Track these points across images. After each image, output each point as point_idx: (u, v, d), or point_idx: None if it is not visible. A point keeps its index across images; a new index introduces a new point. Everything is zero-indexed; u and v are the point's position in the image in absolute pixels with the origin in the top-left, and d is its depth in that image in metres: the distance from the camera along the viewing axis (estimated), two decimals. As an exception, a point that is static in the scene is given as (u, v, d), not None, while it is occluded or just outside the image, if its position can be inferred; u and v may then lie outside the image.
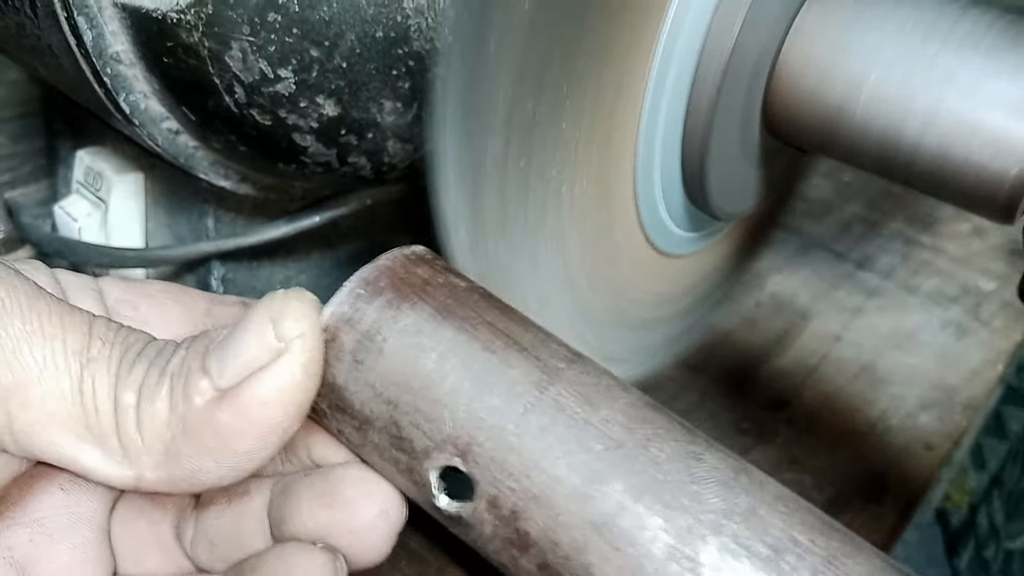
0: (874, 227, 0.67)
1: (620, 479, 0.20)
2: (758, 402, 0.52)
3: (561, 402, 0.21)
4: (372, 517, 0.23)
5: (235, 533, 0.25)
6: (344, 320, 0.22)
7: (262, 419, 0.20)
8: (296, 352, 0.21)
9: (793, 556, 0.19)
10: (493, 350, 0.22)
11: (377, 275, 0.23)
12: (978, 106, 0.28)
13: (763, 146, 0.34)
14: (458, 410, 0.21)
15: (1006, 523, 1.23)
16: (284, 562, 0.23)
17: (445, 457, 0.21)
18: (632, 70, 0.30)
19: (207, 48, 0.31)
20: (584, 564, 0.20)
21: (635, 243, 0.35)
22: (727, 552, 0.19)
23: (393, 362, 0.22)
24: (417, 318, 0.22)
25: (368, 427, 0.22)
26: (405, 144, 0.35)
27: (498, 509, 0.20)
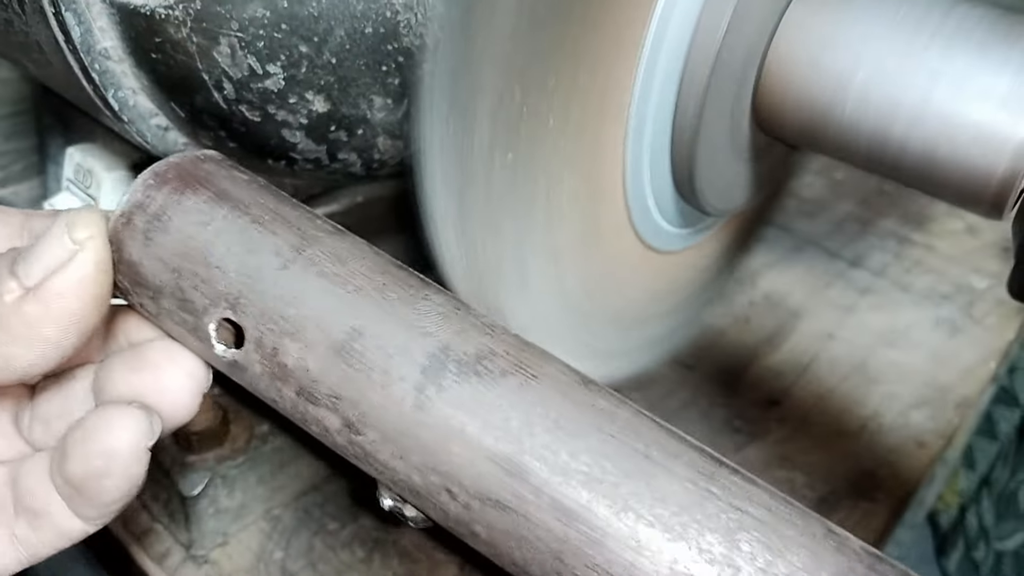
0: (867, 225, 0.67)
1: (356, 313, 0.24)
2: (750, 400, 0.52)
3: (315, 259, 0.25)
4: (179, 376, 0.26)
5: (64, 410, 0.28)
6: (136, 205, 0.26)
7: (62, 308, 0.24)
8: (88, 251, 0.24)
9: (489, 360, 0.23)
10: (261, 223, 0.26)
11: (166, 168, 0.27)
12: (966, 101, 0.28)
13: (753, 142, 0.34)
14: (228, 270, 0.25)
15: (996, 524, 1.24)
16: (102, 419, 0.25)
17: (220, 311, 0.25)
18: (620, 65, 0.30)
19: (195, 44, 0.30)
20: (329, 383, 0.24)
21: (625, 239, 0.35)
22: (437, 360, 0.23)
23: (176, 236, 0.26)
24: (198, 200, 0.26)
25: (160, 295, 0.26)
26: (395, 140, 0.35)
27: (263, 348, 0.24)
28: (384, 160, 0.36)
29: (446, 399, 0.22)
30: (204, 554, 0.42)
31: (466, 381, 0.22)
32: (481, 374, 0.22)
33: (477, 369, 0.23)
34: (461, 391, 0.22)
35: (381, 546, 0.43)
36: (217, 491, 0.42)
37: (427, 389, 0.22)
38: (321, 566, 0.42)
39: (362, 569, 0.42)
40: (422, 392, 0.22)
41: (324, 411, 0.24)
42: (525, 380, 0.23)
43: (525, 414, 0.22)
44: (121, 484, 0.25)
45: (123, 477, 0.25)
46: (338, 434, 0.24)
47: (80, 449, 0.25)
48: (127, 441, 0.25)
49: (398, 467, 0.23)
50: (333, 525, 0.44)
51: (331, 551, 0.43)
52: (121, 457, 0.25)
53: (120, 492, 0.25)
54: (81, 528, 0.26)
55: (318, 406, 0.24)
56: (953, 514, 1.31)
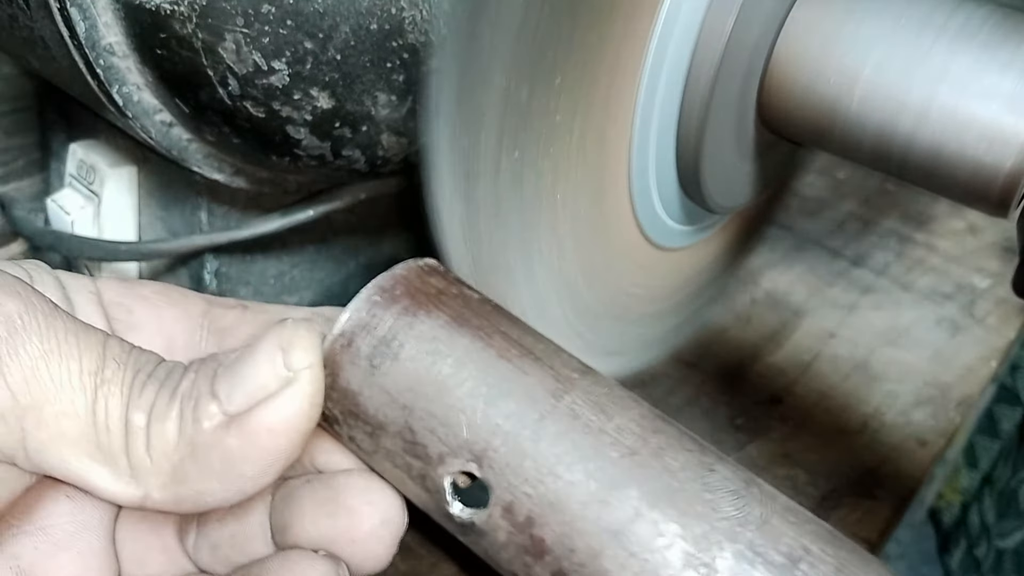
0: (869, 225, 0.67)
1: (635, 486, 0.20)
2: (752, 398, 0.52)
3: (576, 410, 0.21)
4: (374, 526, 0.23)
5: (237, 538, 0.25)
6: (361, 326, 0.23)
7: (268, 446, 0.21)
8: (304, 382, 0.21)
9: (806, 564, 0.19)
10: (508, 358, 0.22)
11: (393, 283, 0.24)
12: (972, 100, 0.28)
13: (758, 140, 0.34)
14: (474, 415, 0.21)
15: (997, 521, 1.24)
16: (287, 570, 0.23)
17: (460, 463, 0.21)
18: (626, 62, 0.30)
19: (201, 40, 0.30)
20: (600, 570, 0.20)
21: (630, 236, 0.35)
22: (743, 559, 0.19)
23: (409, 368, 0.22)
24: (433, 325, 0.23)
25: (381, 432, 0.22)
26: (399, 138, 0.35)
27: (513, 515, 0.21)
28: (388, 157, 0.36)
29: None
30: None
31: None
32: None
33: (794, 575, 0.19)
34: None
35: (383, 543, 0.43)
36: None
37: None
38: (323, 563, 0.42)
39: (364, 566, 0.42)
40: None
41: None
42: None
43: None
44: None
45: None
46: None
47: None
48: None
49: None
50: (335, 522, 0.44)
51: (333, 548, 0.43)
52: None
53: None
54: None
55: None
56: (955, 512, 1.31)
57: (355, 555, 0.23)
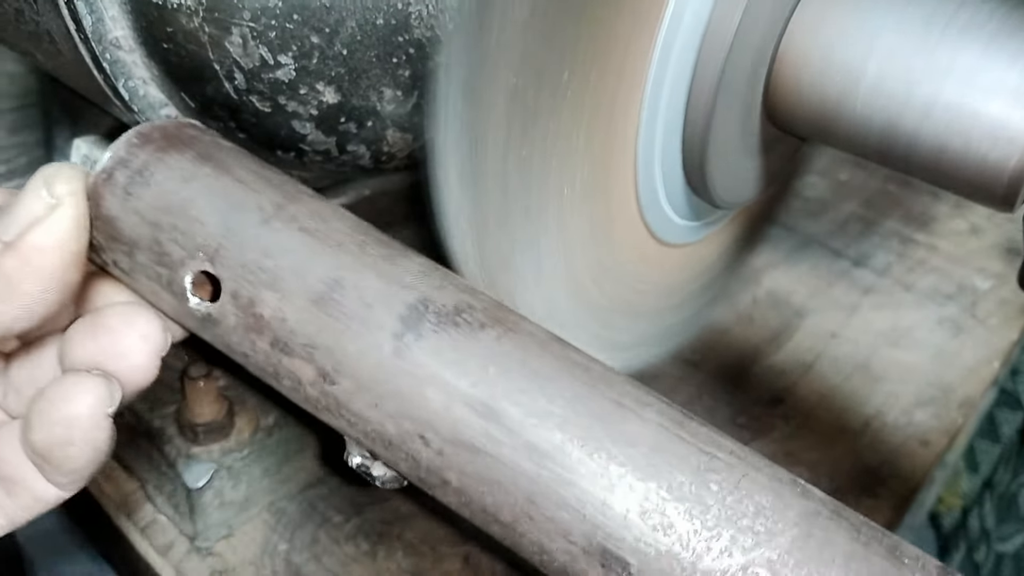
0: (871, 225, 0.67)
1: (337, 265, 0.24)
2: (754, 398, 0.52)
3: (297, 216, 0.25)
4: (134, 340, 0.26)
5: (34, 378, 0.28)
6: (119, 161, 0.27)
7: (42, 264, 0.24)
8: (67, 206, 0.25)
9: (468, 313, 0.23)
10: (244, 182, 0.26)
11: (151, 129, 0.28)
12: (978, 95, 0.28)
13: (764, 135, 0.34)
14: (208, 223, 0.25)
15: (997, 526, 1.24)
16: (62, 388, 0.25)
17: (197, 263, 0.25)
18: (633, 59, 0.30)
19: (207, 34, 0.31)
20: (305, 333, 0.24)
21: (636, 232, 0.35)
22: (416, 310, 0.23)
23: (157, 192, 0.26)
24: (181, 159, 0.27)
25: (136, 249, 0.26)
26: (405, 133, 0.35)
27: (239, 300, 0.24)
28: (393, 153, 0.36)
29: (424, 347, 0.22)
30: (208, 546, 0.42)
31: (444, 331, 0.23)
32: (460, 325, 0.23)
33: (456, 320, 0.23)
34: (439, 340, 0.23)
35: (385, 539, 0.43)
36: (222, 483, 0.42)
37: (405, 337, 0.23)
38: (325, 559, 0.42)
39: (366, 562, 0.42)
40: (400, 340, 0.23)
41: (298, 362, 0.24)
42: (503, 332, 0.23)
43: (502, 362, 0.22)
44: (85, 451, 0.25)
45: (86, 444, 0.25)
46: (311, 385, 0.24)
47: (42, 418, 0.25)
48: (87, 409, 0.25)
49: (371, 416, 0.23)
50: (338, 518, 0.44)
51: (335, 544, 0.43)
52: (82, 425, 0.25)
53: (85, 459, 0.25)
54: (56, 494, 0.27)
55: (292, 357, 0.24)
56: (956, 516, 1.31)
57: (121, 370, 0.26)
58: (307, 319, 0.24)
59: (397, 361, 0.23)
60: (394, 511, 0.44)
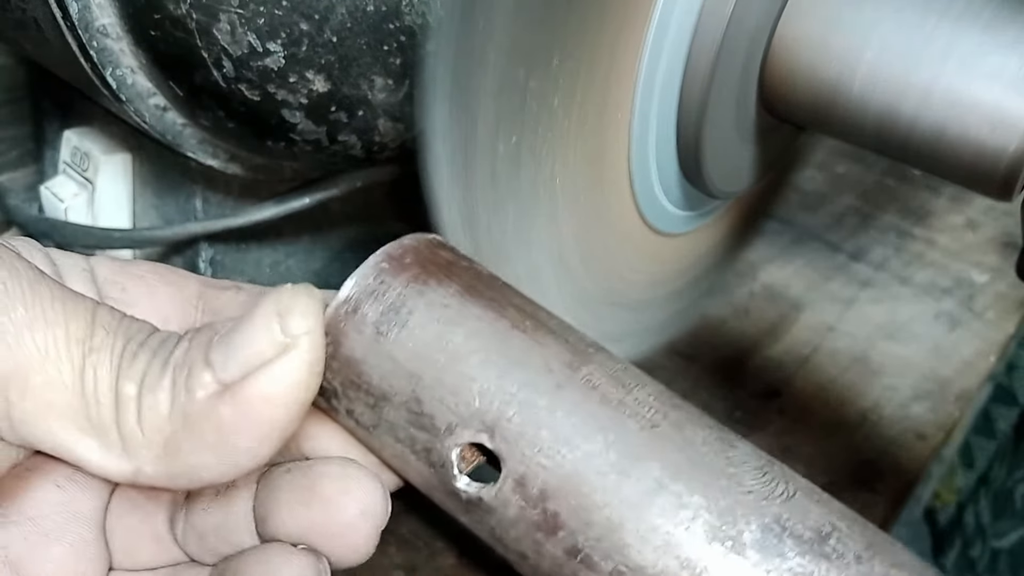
0: (868, 219, 0.67)
1: (657, 458, 0.19)
2: (751, 391, 0.52)
3: (593, 381, 0.20)
4: (352, 516, 0.22)
5: (222, 527, 0.24)
6: (368, 292, 0.22)
7: (264, 416, 0.20)
8: (302, 349, 0.20)
9: (835, 539, 0.18)
10: (522, 329, 0.21)
11: (402, 252, 0.22)
12: (976, 81, 0.27)
13: (759, 123, 0.34)
14: (487, 384, 0.20)
15: (993, 522, 1.24)
16: (264, 565, 0.22)
17: (470, 433, 0.20)
18: (626, 43, 0.30)
19: (195, 20, 0.30)
20: (618, 544, 0.19)
21: (630, 221, 0.34)
22: (770, 532, 0.18)
23: (419, 335, 0.21)
24: (444, 294, 0.21)
25: (385, 403, 0.21)
26: (396, 123, 0.34)
27: (525, 489, 0.19)
28: (384, 143, 0.35)
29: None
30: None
31: (815, 565, 0.18)
32: (831, 557, 0.18)
33: (825, 551, 0.18)
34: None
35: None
36: (214, 478, 0.42)
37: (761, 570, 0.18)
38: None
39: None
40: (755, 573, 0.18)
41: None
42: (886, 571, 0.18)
43: None
44: None
45: None
46: None
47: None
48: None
49: None
50: (330, 513, 0.43)
51: (328, 539, 0.43)
52: None
53: None
54: None
55: (596, 573, 0.19)
56: (951, 512, 1.31)
57: (334, 547, 0.22)
58: (621, 526, 0.19)
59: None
60: (387, 506, 0.44)
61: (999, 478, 1.26)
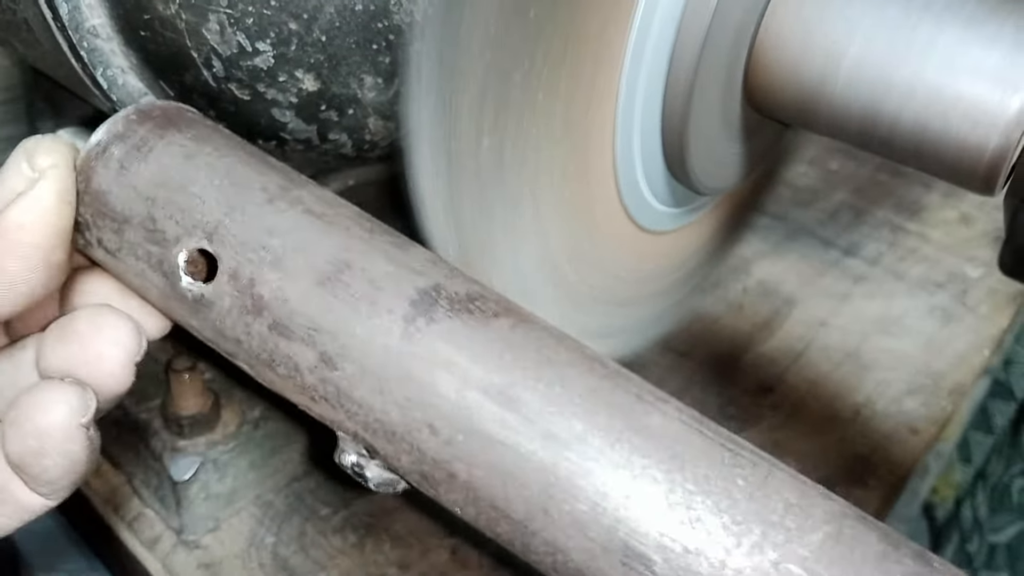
0: (861, 215, 0.67)
1: (344, 248, 0.23)
2: (744, 387, 0.52)
3: (302, 198, 0.24)
4: (105, 346, 0.25)
5: (13, 381, 0.27)
6: (115, 135, 0.25)
7: (23, 240, 0.23)
8: (49, 180, 0.24)
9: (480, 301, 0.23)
10: (248, 164, 0.25)
11: (151, 108, 0.26)
12: (958, 77, 0.27)
13: (745, 120, 0.34)
14: (209, 201, 0.24)
15: (990, 516, 1.24)
16: (34, 398, 0.24)
17: (194, 240, 0.24)
18: (610, 40, 0.30)
19: (184, 20, 0.30)
20: (308, 314, 0.22)
21: (616, 219, 0.34)
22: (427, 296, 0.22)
23: (156, 166, 0.25)
24: (182, 137, 0.25)
25: (126, 226, 0.25)
26: (387, 122, 0.34)
27: (237, 280, 0.23)
28: (375, 142, 0.35)
29: (437, 331, 0.21)
30: (195, 539, 0.42)
31: (458, 317, 0.22)
32: (473, 312, 0.22)
33: (469, 307, 0.22)
34: (453, 325, 0.21)
35: (373, 532, 0.43)
36: (208, 476, 0.42)
37: (417, 321, 0.22)
38: (313, 551, 0.42)
39: (354, 554, 0.42)
40: (411, 324, 0.22)
41: (298, 346, 0.22)
42: (517, 322, 0.22)
43: (517, 350, 0.21)
44: (60, 462, 0.24)
45: (60, 455, 0.24)
46: (310, 372, 0.22)
47: (15, 430, 0.24)
48: (59, 419, 0.24)
49: (375, 404, 0.22)
50: (325, 511, 0.44)
51: (323, 536, 0.43)
52: (54, 436, 0.24)
53: (60, 470, 0.24)
54: (40, 502, 0.26)
55: (292, 340, 0.23)
56: (949, 507, 1.31)
57: (93, 376, 0.25)
58: (312, 300, 0.22)
59: (407, 345, 0.21)
60: (381, 504, 0.44)
61: (996, 473, 1.26)
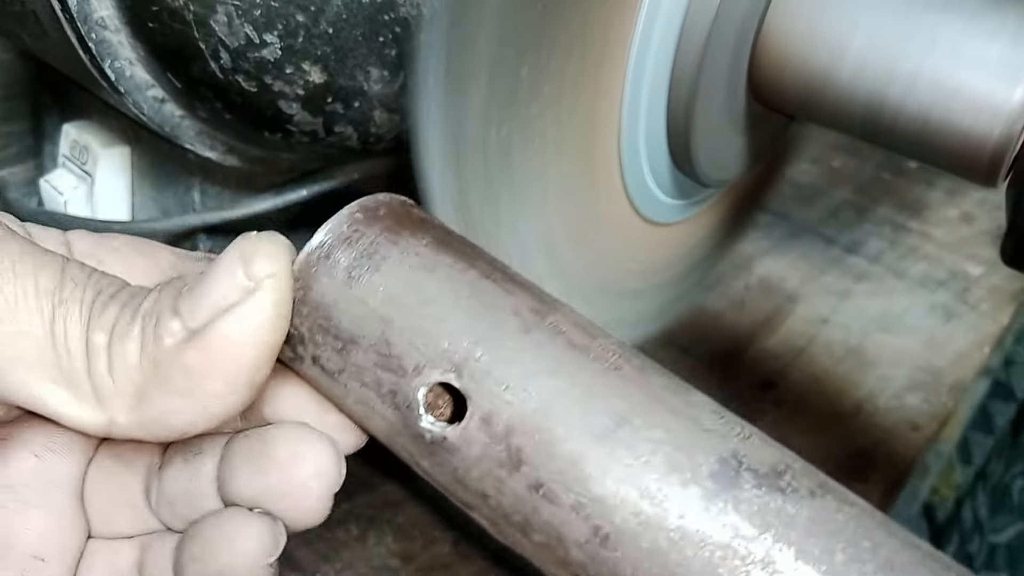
0: (863, 212, 0.67)
1: (620, 396, 0.20)
2: (746, 383, 0.52)
3: (559, 327, 0.21)
4: (305, 478, 0.22)
5: (190, 493, 0.24)
6: (341, 239, 0.22)
7: (230, 358, 0.20)
8: (267, 291, 0.20)
9: (790, 475, 0.19)
10: (492, 279, 0.22)
11: (376, 205, 0.23)
12: (961, 68, 0.28)
13: (749, 111, 0.34)
14: (457, 326, 0.21)
15: (990, 517, 1.24)
16: (220, 530, 0.23)
17: (438, 373, 0.20)
18: (615, 32, 0.30)
19: (192, 12, 0.30)
20: (580, 476, 0.19)
21: (621, 211, 0.35)
22: (727, 466, 0.19)
23: (391, 280, 0.21)
24: (416, 243, 0.22)
25: (353, 347, 0.21)
26: (392, 114, 0.35)
27: (491, 425, 0.20)
28: (381, 134, 0.36)
29: (744, 512, 0.18)
30: (199, 531, 0.42)
31: (770, 496, 0.18)
32: (785, 491, 0.19)
33: (780, 485, 0.19)
34: (764, 507, 0.18)
35: (376, 524, 0.43)
36: (212, 468, 0.42)
37: (719, 498, 0.18)
38: (316, 543, 0.42)
39: (356, 547, 0.42)
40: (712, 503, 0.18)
41: (566, 514, 0.19)
42: (839, 503, 0.19)
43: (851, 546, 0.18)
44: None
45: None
46: (577, 547, 0.19)
47: (198, 565, 0.23)
48: (248, 559, 0.22)
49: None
50: (328, 503, 0.44)
51: (326, 529, 0.43)
52: (239, 573, 0.22)
53: None
54: None
55: (557, 506, 0.19)
56: (949, 508, 1.31)
57: (288, 510, 0.23)
58: (583, 458, 0.19)
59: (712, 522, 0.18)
60: (384, 496, 0.44)
61: (996, 473, 1.26)
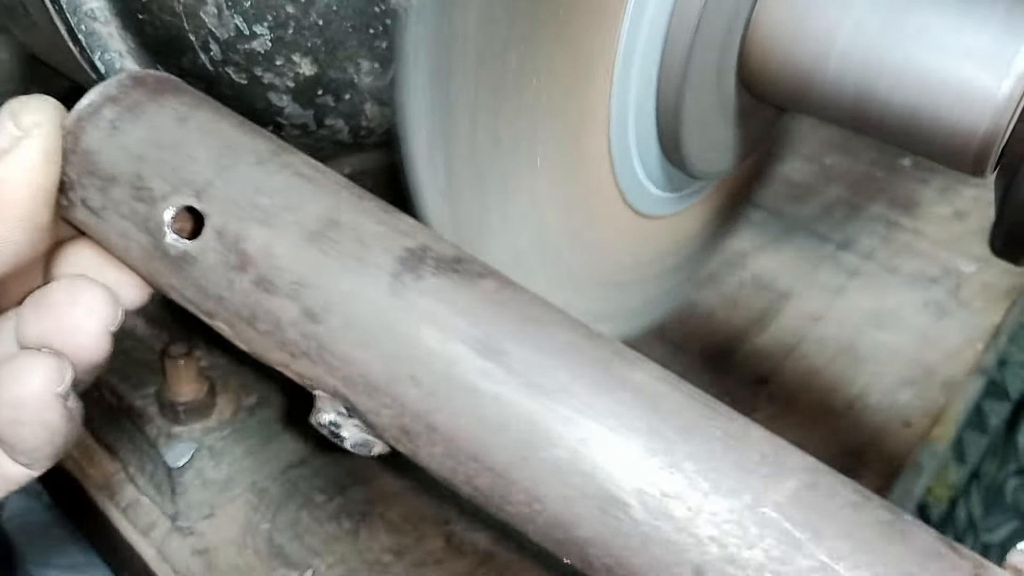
0: (856, 210, 0.67)
1: (335, 208, 0.23)
2: (739, 379, 0.52)
3: (293, 163, 0.24)
4: (81, 316, 0.25)
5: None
6: (108, 97, 0.26)
7: (7, 201, 0.23)
8: (35, 138, 0.24)
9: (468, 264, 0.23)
10: (240, 129, 0.25)
11: (145, 75, 0.27)
12: (949, 60, 0.28)
13: (739, 103, 0.34)
14: (200, 160, 0.24)
15: (984, 516, 1.24)
16: (12, 366, 0.24)
17: (182, 198, 0.24)
18: (604, 23, 0.30)
19: (182, 3, 0.30)
20: (296, 270, 0.23)
21: (611, 202, 0.35)
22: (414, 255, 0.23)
23: (149, 127, 0.25)
24: (176, 101, 0.26)
25: (112, 184, 0.25)
26: (383, 107, 0.35)
27: (223, 237, 0.23)
28: (371, 127, 0.36)
29: (423, 288, 0.22)
30: (190, 526, 0.42)
31: (444, 275, 0.22)
32: (460, 271, 0.22)
33: (455, 267, 0.22)
34: (439, 283, 0.22)
35: (368, 518, 0.43)
36: (203, 463, 0.42)
37: (403, 277, 0.22)
38: (308, 538, 0.42)
39: (349, 541, 0.42)
40: (398, 279, 0.22)
41: (281, 300, 0.23)
42: (501, 284, 0.22)
43: (502, 308, 0.22)
44: (37, 431, 0.25)
45: (37, 424, 0.24)
46: (292, 326, 0.23)
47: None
48: (34, 389, 0.24)
49: (357, 357, 0.22)
50: (320, 498, 0.44)
51: (318, 523, 0.43)
52: (30, 405, 0.24)
53: (38, 439, 0.25)
54: (23, 472, 0.26)
55: (275, 295, 0.23)
56: (943, 507, 1.31)
57: (69, 346, 0.25)
58: (298, 255, 0.23)
59: (393, 299, 0.22)
60: (377, 490, 0.44)
61: (990, 473, 1.26)
